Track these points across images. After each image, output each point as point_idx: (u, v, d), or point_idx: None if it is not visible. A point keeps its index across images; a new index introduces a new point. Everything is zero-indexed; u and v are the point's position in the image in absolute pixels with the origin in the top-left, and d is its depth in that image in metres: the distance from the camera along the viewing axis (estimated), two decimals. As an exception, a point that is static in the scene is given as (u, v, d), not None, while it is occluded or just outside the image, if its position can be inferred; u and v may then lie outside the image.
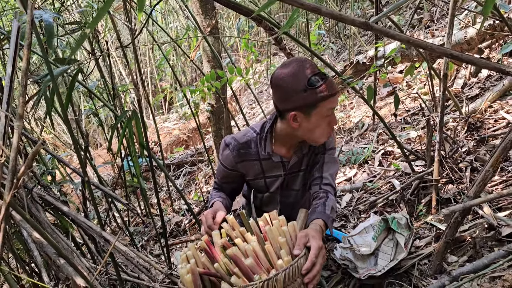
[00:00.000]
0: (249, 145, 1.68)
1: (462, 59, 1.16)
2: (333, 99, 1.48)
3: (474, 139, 2.32)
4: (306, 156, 1.74)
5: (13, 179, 0.95)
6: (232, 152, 1.68)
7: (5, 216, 0.95)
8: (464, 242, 1.72)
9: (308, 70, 1.46)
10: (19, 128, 0.96)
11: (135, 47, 1.85)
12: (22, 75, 0.99)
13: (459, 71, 3.35)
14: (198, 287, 1.30)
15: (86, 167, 1.62)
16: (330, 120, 1.53)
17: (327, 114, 1.51)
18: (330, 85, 1.46)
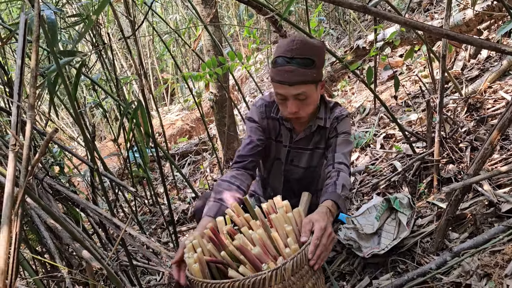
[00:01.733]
0: (273, 104, 1.74)
1: (458, 39, 1.19)
2: (278, 85, 1.50)
3: (474, 120, 2.35)
4: (315, 136, 1.75)
5: (28, 166, 0.99)
6: (259, 108, 1.75)
7: (22, 202, 0.99)
8: (465, 219, 1.76)
9: (283, 49, 1.49)
10: (32, 117, 0.99)
11: (136, 38, 1.88)
12: (33, 66, 1.03)
13: (459, 53, 3.36)
14: (206, 275, 1.31)
15: (94, 155, 1.66)
16: (285, 104, 1.55)
17: (278, 97, 1.55)
18: (280, 73, 1.48)
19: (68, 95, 1.41)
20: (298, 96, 1.50)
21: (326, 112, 1.72)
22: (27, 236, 1.87)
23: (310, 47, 1.48)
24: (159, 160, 2.09)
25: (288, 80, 1.47)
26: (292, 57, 1.46)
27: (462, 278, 1.45)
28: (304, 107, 1.55)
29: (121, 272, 1.89)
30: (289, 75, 1.46)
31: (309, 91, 1.51)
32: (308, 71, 1.47)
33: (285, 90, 1.50)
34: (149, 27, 6.74)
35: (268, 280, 1.13)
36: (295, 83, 1.47)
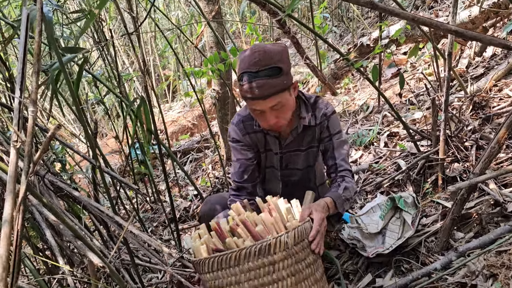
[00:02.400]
0: (252, 117, 1.68)
1: (466, 35, 1.17)
2: (253, 102, 1.47)
3: (479, 118, 2.33)
4: (306, 136, 1.72)
5: (30, 163, 0.97)
6: (237, 126, 1.72)
7: (23, 199, 0.98)
8: (471, 218, 1.74)
9: (246, 64, 1.44)
10: (34, 113, 0.98)
11: (138, 35, 1.86)
12: (35, 62, 1.01)
13: (464, 51, 3.33)
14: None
15: (96, 152, 1.65)
16: (264, 117, 1.52)
17: (254, 112, 1.53)
18: (250, 90, 1.43)
19: (70, 92, 1.39)
20: (274, 107, 1.47)
21: (308, 109, 1.68)
22: (28, 233, 1.86)
23: (273, 55, 1.44)
24: (162, 157, 2.08)
25: (261, 94, 1.42)
26: (257, 70, 1.41)
27: (468, 278, 1.44)
28: (283, 115, 1.52)
29: (123, 270, 1.88)
30: (260, 90, 1.42)
31: (284, 99, 1.48)
32: (278, 80, 1.43)
33: (260, 105, 1.47)
34: (151, 24, 6.72)
35: (273, 247, 1.17)
36: (268, 96, 1.43)
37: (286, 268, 1.20)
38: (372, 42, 3.46)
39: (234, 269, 1.19)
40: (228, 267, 1.19)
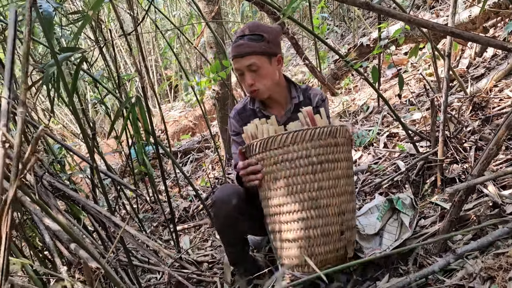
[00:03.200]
0: (246, 108, 1.85)
1: (464, 36, 1.16)
2: (234, 61, 1.67)
3: (479, 119, 2.31)
4: (297, 117, 1.77)
5: (18, 164, 0.97)
6: (234, 118, 1.86)
7: (12, 202, 0.97)
8: (469, 220, 1.73)
9: (238, 32, 1.68)
10: (23, 114, 0.97)
11: (137, 35, 1.86)
12: (23, 61, 1.01)
13: (464, 51, 3.32)
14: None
15: (94, 154, 1.65)
16: (244, 79, 1.69)
17: (237, 73, 1.72)
18: (233, 49, 1.66)
19: (66, 92, 1.39)
20: (250, 67, 1.64)
21: (298, 91, 1.83)
22: (26, 234, 1.86)
23: (261, 26, 1.67)
24: (160, 158, 2.08)
25: (239, 52, 1.63)
26: (243, 35, 1.64)
27: (465, 280, 1.43)
28: (259, 79, 1.67)
29: (121, 271, 1.88)
30: (239, 48, 1.63)
31: (260, 62, 1.64)
32: (257, 44, 1.62)
33: (238, 64, 1.66)
34: (152, 24, 6.72)
35: (338, 132, 1.46)
36: (246, 54, 1.62)
37: (344, 151, 1.49)
38: (372, 43, 3.45)
39: (307, 143, 1.41)
40: (304, 141, 1.41)
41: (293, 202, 1.42)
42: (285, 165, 1.42)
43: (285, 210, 1.44)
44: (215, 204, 1.73)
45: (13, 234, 1.78)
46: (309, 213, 1.42)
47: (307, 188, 1.41)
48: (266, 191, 1.49)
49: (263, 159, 1.46)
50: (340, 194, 1.47)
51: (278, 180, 1.44)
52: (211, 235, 2.77)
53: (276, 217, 1.47)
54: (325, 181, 1.43)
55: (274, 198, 1.46)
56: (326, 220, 1.44)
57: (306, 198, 1.42)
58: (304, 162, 1.41)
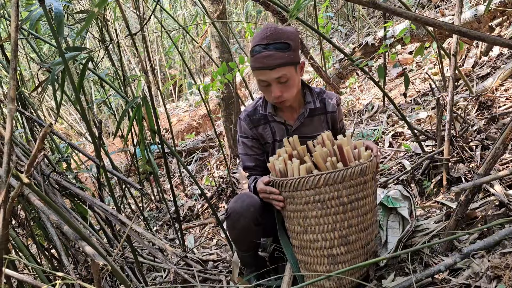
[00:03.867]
0: (257, 111, 1.79)
1: (470, 35, 1.16)
2: (259, 72, 1.57)
3: (484, 118, 2.31)
4: (313, 123, 1.78)
5: (9, 162, 0.97)
6: (244, 120, 1.80)
7: (5, 199, 0.97)
8: (475, 219, 1.73)
9: (258, 38, 1.56)
10: (12, 111, 0.98)
11: (144, 35, 1.87)
12: (11, 58, 1.01)
13: (470, 50, 3.31)
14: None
15: (100, 153, 1.65)
16: (269, 90, 1.61)
17: (261, 84, 1.62)
18: (258, 60, 1.55)
19: (73, 90, 1.40)
20: (280, 79, 1.57)
21: (313, 95, 1.78)
22: (33, 232, 1.87)
23: (284, 32, 1.56)
24: (165, 157, 2.08)
25: (268, 64, 1.53)
26: (267, 43, 1.53)
27: (472, 279, 1.43)
28: (287, 90, 1.61)
29: (127, 269, 1.89)
30: (267, 60, 1.53)
31: (289, 73, 1.57)
32: (285, 54, 1.54)
33: (266, 76, 1.56)
34: (157, 24, 6.74)
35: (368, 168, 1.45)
36: (275, 67, 1.53)
37: (372, 186, 1.51)
38: (377, 42, 3.44)
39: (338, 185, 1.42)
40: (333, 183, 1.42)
41: (323, 240, 1.46)
42: (316, 206, 1.44)
43: (315, 246, 1.48)
44: (231, 216, 1.71)
45: (19, 232, 1.79)
46: (339, 250, 1.47)
47: (338, 227, 1.45)
48: (295, 226, 1.52)
49: (293, 197, 1.48)
50: (367, 227, 1.53)
51: (308, 218, 1.46)
52: (216, 234, 2.78)
53: (306, 250, 1.52)
54: (354, 218, 1.47)
55: (304, 234, 1.49)
56: (354, 254, 1.50)
57: (336, 236, 1.46)
58: (336, 203, 1.43)
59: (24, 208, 1.75)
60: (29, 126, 2.09)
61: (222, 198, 3.19)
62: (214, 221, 2.91)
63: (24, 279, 1.18)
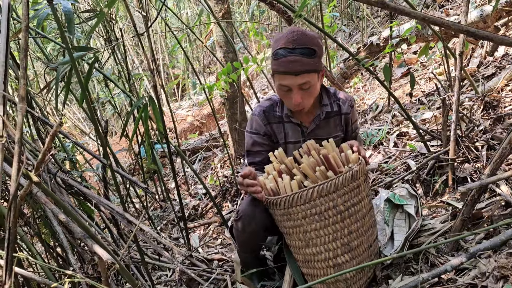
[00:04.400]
0: (273, 108, 1.75)
1: (478, 35, 1.16)
2: (283, 76, 1.52)
3: (490, 118, 2.30)
4: (328, 125, 1.76)
5: (19, 160, 0.97)
6: (259, 116, 1.76)
7: (14, 198, 0.98)
8: (481, 219, 1.73)
9: (283, 41, 1.51)
10: (23, 110, 0.98)
11: (149, 35, 1.87)
12: (22, 56, 1.01)
13: (475, 50, 3.30)
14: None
15: (107, 151, 1.66)
16: (290, 95, 1.57)
17: (282, 89, 1.57)
18: (284, 63, 1.49)
19: (81, 89, 1.41)
20: (303, 86, 1.53)
21: (330, 97, 1.75)
22: (40, 230, 1.88)
23: (310, 37, 1.52)
24: (171, 156, 2.09)
25: (293, 70, 1.49)
26: (294, 47, 1.49)
27: (478, 279, 1.42)
28: (308, 97, 1.58)
29: (133, 268, 1.89)
30: (293, 65, 1.49)
31: (313, 81, 1.54)
32: (311, 60, 1.50)
33: (290, 81, 1.52)
34: (160, 23, 6.75)
35: (358, 172, 1.46)
36: (300, 73, 1.50)
37: (365, 188, 1.51)
38: (382, 41, 3.44)
39: (332, 194, 1.42)
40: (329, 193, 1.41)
41: (326, 251, 1.46)
42: (314, 219, 1.43)
43: (319, 258, 1.48)
44: (243, 219, 1.68)
45: (24, 230, 1.80)
46: (343, 258, 1.47)
47: (339, 236, 1.45)
48: (296, 241, 1.51)
49: (290, 213, 1.46)
50: (367, 229, 1.53)
51: (308, 232, 1.46)
52: (220, 233, 2.78)
53: (310, 264, 1.52)
54: (353, 224, 1.47)
55: (306, 248, 1.49)
56: (359, 259, 1.50)
57: (338, 245, 1.46)
58: (333, 212, 1.43)
59: (31, 207, 1.76)
60: (35, 125, 2.10)
61: (227, 197, 3.19)
62: (219, 220, 2.92)
63: (33, 277, 1.19)
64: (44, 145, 0.95)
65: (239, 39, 3.52)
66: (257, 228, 1.66)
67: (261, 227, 1.66)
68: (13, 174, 0.94)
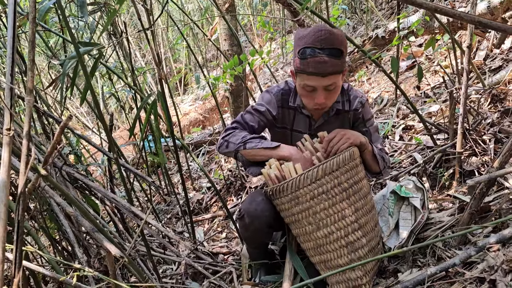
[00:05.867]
0: (290, 93, 1.72)
1: (491, 26, 1.14)
2: (309, 77, 1.48)
3: (498, 111, 2.28)
4: (336, 121, 1.73)
5: (28, 153, 0.96)
6: (276, 96, 1.72)
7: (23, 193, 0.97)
8: (489, 213, 1.72)
9: (310, 39, 1.45)
10: (30, 102, 0.97)
11: (153, 30, 1.86)
12: (29, 49, 1.00)
13: (481, 43, 3.27)
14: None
15: (112, 145, 1.65)
16: (312, 95, 1.54)
17: (306, 89, 1.53)
18: (312, 64, 1.45)
19: (87, 82, 1.40)
20: (328, 87, 1.50)
21: (343, 94, 1.72)
22: (46, 224, 1.88)
23: (337, 37, 1.47)
24: (176, 150, 2.08)
25: (322, 71, 1.45)
26: (322, 47, 1.44)
27: (486, 273, 1.42)
28: (331, 97, 1.56)
29: (139, 261, 1.89)
30: (323, 66, 1.44)
31: (338, 82, 1.52)
32: (339, 61, 1.46)
33: (316, 82, 1.48)
34: (163, 16, 6.71)
35: (354, 153, 1.53)
36: (329, 74, 1.46)
37: (362, 170, 1.58)
38: (388, 34, 3.41)
39: (336, 172, 1.46)
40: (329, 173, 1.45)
41: (337, 229, 1.47)
42: (322, 198, 1.46)
43: (332, 239, 1.48)
44: (245, 217, 1.67)
45: (30, 224, 1.80)
46: (355, 236, 1.48)
47: (347, 213, 1.47)
48: (306, 227, 1.51)
49: (298, 197, 1.48)
50: (371, 209, 1.58)
51: (318, 213, 1.47)
52: (225, 227, 2.78)
53: (323, 248, 1.51)
54: (358, 201, 1.50)
55: (317, 231, 1.49)
56: (369, 237, 1.52)
57: (348, 223, 1.47)
58: (339, 190, 1.46)
59: (37, 201, 1.76)
60: (40, 120, 2.09)
61: (231, 191, 3.19)
62: (224, 214, 2.92)
63: (41, 270, 1.18)
64: (53, 138, 0.94)
65: (242, 32, 3.49)
66: (260, 226, 1.66)
67: (265, 224, 1.65)
68: (21, 167, 0.93)
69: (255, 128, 1.72)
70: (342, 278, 1.50)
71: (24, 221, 1.00)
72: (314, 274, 1.53)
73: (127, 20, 7.39)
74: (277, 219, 1.66)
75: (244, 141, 1.62)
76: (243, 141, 1.62)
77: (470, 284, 1.41)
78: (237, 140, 1.64)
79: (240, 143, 1.62)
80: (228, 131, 1.70)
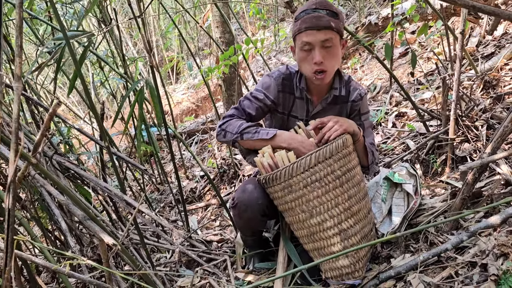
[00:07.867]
0: (291, 78, 1.72)
1: (485, 10, 1.14)
2: (305, 34, 1.50)
3: (490, 97, 2.29)
4: (334, 110, 1.73)
5: (17, 141, 0.95)
6: (276, 80, 1.71)
7: (13, 182, 0.96)
8: (480, 198, 1.73)
9: (306, 5, 1.52)
10: (19, 89, 0.95)
11: (144, 18, 1.82)
12: (17, 34, 0.98)
13: (474, 29, 3.27)
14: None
15: (104, 133, 1.63)
16: (311, 56, 1.54)
17: (303, 48, 1.54)
18: (307, 19, 1.49)
19: (77, 70, 1.37)
20: (325, 43, 1.50)
21: (341, 82, 1.71)
22: (37, 214, 1.87)
23: (332, 4, 1.53)
24: (169, 139, 2.07)
25: (316, 24, 1.48)
26: (317, 8, 1.50)
27: (478, 257, 1.43)
28: (329, 58, 1.53)
29: (133, 249, 1.89)
30: (316, 20, 1.48)
31: (335, 40, 1.52)
32: (333, 19, 1.49)
33: (312, 37, 1.50)
34: (154, 4, 6.63)
35: (347, 141, 1.52)
36: (323, 28, 1.48)
37: (355, 157, 1.58)
38: (381, 21, 3.39)
39: (329, 159, 1.46)
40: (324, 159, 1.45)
41: (331, 217, 1.48)
42: (315, 186, 1.46)
43: (325, 226, 1.48)
44: (238, 206, 1.67)
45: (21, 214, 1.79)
46: (348, 223, 1.48)
47: (340, 201, 1.48)
48: (299, 214, 1.51)
49: (291, 185, 1.48)
50: (364, 196, 1.58)
51: (311, 201, 1.48)
52: (218, 215, 2.78)
53: (316, 235, 1.52)
54: (352, 189, 1.51)
55: (310, 219, 1.50)
56: (362, 224, 1.53)
57: (341, 210, 1.48)
58: (332, 178, 1.46)
59: (28, 190, 1.74)
60: (30, 109, 2.07)
61: (224, 179, 3.18)
62: (217, 202, 2.91)
63: (34, 259, 1.17)
64: (42, 126, 0.92)
65: (235, 20, 3.46)
66: (253, 215, 1.66)
67: (258, 212, 1.66)
68: (11, 156, 0.92)
69: (252, 116, 1.71)
70: (335, 265, 1.51)
71: (14, 210, 0.99)
72: (308, 261, 1.53)
73: (118, 8, 7.28)
74: (271, 207, 1.65)
75: (240, 131, 1.62)
76: (240, 132, 1.62)
77: (461, 268, 1.42)
78: (233, 129, 1.64)
79: (237, 134, 1.62)
80: (225, 119, 1.70)
